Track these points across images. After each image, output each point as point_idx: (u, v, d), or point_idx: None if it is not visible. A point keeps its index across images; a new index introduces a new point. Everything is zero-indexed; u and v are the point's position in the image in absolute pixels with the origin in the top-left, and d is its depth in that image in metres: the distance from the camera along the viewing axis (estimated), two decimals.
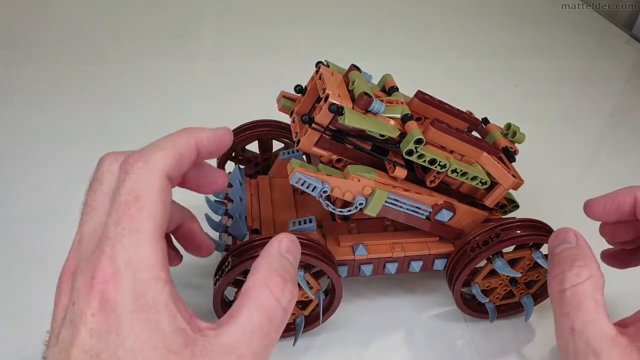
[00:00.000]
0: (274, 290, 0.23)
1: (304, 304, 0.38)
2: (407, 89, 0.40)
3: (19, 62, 0.74)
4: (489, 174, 0.37)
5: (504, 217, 0.42)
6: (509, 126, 0.41)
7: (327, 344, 0.39)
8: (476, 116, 0.41)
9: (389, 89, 0.39)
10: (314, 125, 0.33)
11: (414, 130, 0.33)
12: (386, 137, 0.34)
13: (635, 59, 0.88)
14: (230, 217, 0.40)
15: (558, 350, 0.27)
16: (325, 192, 0.33)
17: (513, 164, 0.39)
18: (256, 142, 0.47)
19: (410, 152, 0.33)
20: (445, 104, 0.39)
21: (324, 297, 0.37)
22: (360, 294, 0.43)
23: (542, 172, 0.56)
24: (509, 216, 0.43)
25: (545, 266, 0.37)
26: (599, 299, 0.26)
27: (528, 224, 0.37)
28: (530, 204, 0.45)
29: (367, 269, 0.38)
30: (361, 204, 0.34)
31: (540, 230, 0.37)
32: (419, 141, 0.33)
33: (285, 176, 0.44)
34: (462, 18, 0.99)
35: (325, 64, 0.37)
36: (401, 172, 0.35)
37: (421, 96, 0.38)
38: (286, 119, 0.40)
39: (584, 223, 0.34)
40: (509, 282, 0.39)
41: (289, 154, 0.43)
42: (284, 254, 0.25)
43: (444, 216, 0.37)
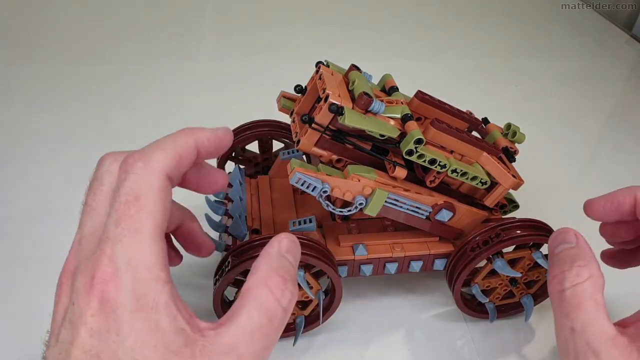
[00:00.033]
0: (274, 290, 0.23)
1: (304, 304, 0.38)
2: (407, 89, 0.40)
3: (19, 62, 0.74)
4: (489, 174, 0.37)
5: (504, 217, 0.42)
6: (509, 126, 0.41)
7: (327, 344, 0.39)
8: (476, 116, 0.41)
9: (389, 89, 0.39)
10: (314, 125, 0.33)
11: (414, 130, 0.33)
12: (386, 137, 0.34)
13: (635, 59, 0.88)
14: (230, 217, 0.40)
15: (558, 350, 0.27)
16: (325, 192, 0.33)
17: (513, 164, 0.39)
18: (256, 142, 0.47)
19: (410, 152, 0.33)
20: (445, 104, 0.39)
21: (324, 297, 0.37)
22: (360, 294, 0.43)
23: (542, 172, 0.56)
24: (509, 216, 0.43)
25: (545, 266, 0.37)
26: (598, 299, 0.26)
27: (528, 224, 0.37)
28: (530, 204, 0.45)
29: (367, 269, 0.38)
30: (361, 204, 0.34)
31: (540, 230, 0.37)
32: (419, 141, 0.33)
33: (285, 176, 0.44)
34: (462, 18, 0.99)
35: (325, 64, 0.37)
36: (401, 172, 0.35)
37: (421, 96, 0.38)
38: (286, 119, 0.40)
39: (583, 223, 0.34)
40: (509, 282, 0.39)
41: (289, 154, 0.43)
42: (284, 253, 0.25)
43: (444, 216, 0.37)
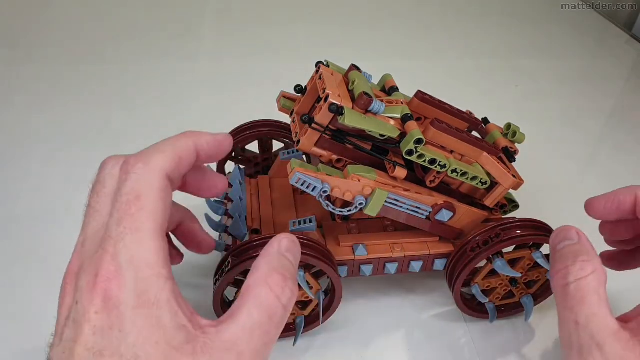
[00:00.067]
0: (274, 288, 0.24)
1: (304, 304, 0.38)
2: (407, 89, 0.40)
3: (19, 62, 0.74)
4: (489, 174, 0.37)
5: (504, 217, 0.42)
6: (509, 126, 0.41)
7: (327, 344, 0.39)
8: (476, 116, 0.41)
9: (389, 89, 0.39)
10: (314, 125, 0.33)
11: (414, 130, 0.33)
12: (386, 137, 0.34)
13: (635, 59, 0.88)
14: (230, 217, 0.40)
15: (561, 344, 0.27)
16: (325, 192, 0.33)
17: (513, 164, 0.39)
18: (256, 142, 0.47)
19: (410, 152, 0.33)
20: (445, 104, 0.39)
21: (324, 297, 0.37)
22: (360, 294, 0.43)
23: (542, 172, 0.56)
24: (509, 216, 0.43)
25: (545, 266, 0.37)
26: (602, 293, 0.26)
27: (528, 224, 0.37)
28: (530, 204, 0.45)
29: (367, 269, 0.38)
30: (361, 204, 0.34)
31: (540, 230, 0.37)
32: (419, 141, 0.33)
33: (285, 176, 0.44)
34: (462, 18, 0.99)
35: (325, 64, 0.37)
36: (401, 172, 0.35)
37: (421, 96, 0.38)
38: (286, 119, 0.40)
39: (583, 223, 0.34)
40: (509, 282, 0.39)
41: (289, 154, 0.43)
42: (284, 253, 0.26)
43: (444, 216, 0.37)
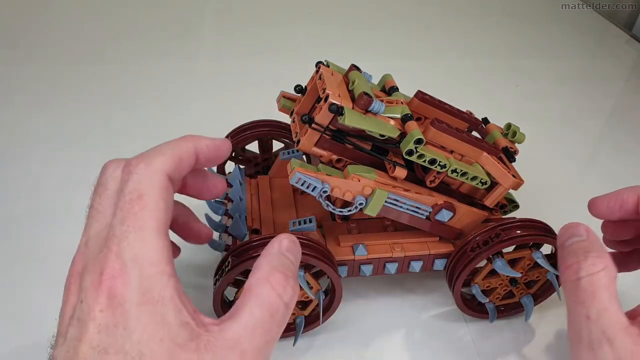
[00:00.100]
0: (276, 286, 0.24)
1: (304, 304, 0.38)
2: (407, 89, 0.40)
3: (19, 62, 0.74)
4: (489, 174, 0.37)
5: (504, 217, 0.42)
6: (509, 126, 0.41)
7: (327, 344, 0.39)
8: (476, 116, 0.41)
9: (389, 89, 0.39)
10: (314, 125, 0.33)
11: (414, 130, 0.33)
12: (386, 137, 0.34)
13: (635, 59, 0.88)
14: (230, 217, 0.40)
15: (569, 338, 0.27)
16: (325, 192, 0.33)
17: (513, 164, 0.39)
18: (256, 142, 0.47)
19: (410, 152, 0.33)
20: (445, 104, 0.39)
21: (324, 297, 0.37)
22: (360, 294, 0.43)
23: (542, 172, 0.56)
24: (509, 216, 0.43)
25: (545, 266, 0.37)
26: (612, 289, 0.26)
27: (528, 224, 0.37)
28: (530, 204, 0.45)
29: (367, 269, 0.38)
30: (361, 204, 0.34)
31: (540, 230, 0.37)
32: (419, 141, 0.33)
33: (285, 176, 0.44)
34: (462, 18, 0.99)
35: (325, 64, 0.37)
36: (401, 172, 0.35)
37: (421, 96, 0.38)
38: (286, 119, 0.40)
39: (584, 222, 0.34)
40: (509, 282, 0.39)
41: (289, 154, 0.43)
42: (285, 252, 0.26)
43: (444, 216, 0.37)
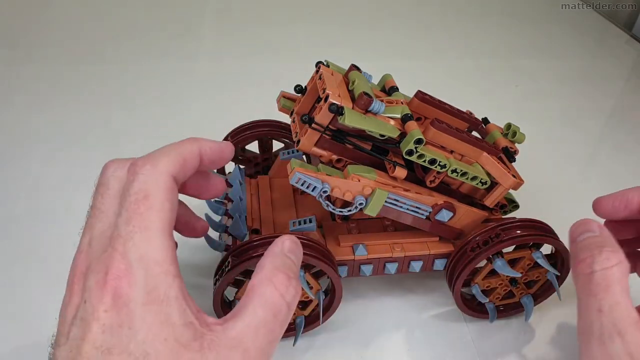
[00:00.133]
0: (279, 286, 0.24)
1: (304, 304, 0.38)
2: (407, 89, 0.40)
3: (19, 62, 0.74)
4: (489, 174, 0.37)
5: (504, 217, 0.42)
6: (509, 126, 0.41)
7: (327, 344, 0.39)
8: (476, 116, 0.41)
9: (389, 89, 0.39)
10: (314, 125, 0.33)
11: (414, 130, 0.33)
12: (386, 137, 0.34)
13: (635, 59, 0.88)
14: (230, 217, 0.40)
15: (578, 331, 0.27)
16: (325, 192, 0.33)
17: (513, 164, 0.39)
18: (256, 142, 0.47)
19: (410, 152, 0.33)
20: (445, 104, 0.39)
21: (324, 297, 0.37)
22: (360, 294, 0.43)
23: (542, 172, 0.56)
24: (509, 216, 0.43)
25: (545, 266, 0.37)
26: (625, 284, 0.27)
27: (528, 224, 0.37)
28: (530, 204, 0.45)
29: (367, 269, 0.38)
30: (361, 204, 0.34)
31: (540, 230, 0.37)
32: (419, 141, 0.33)
33: (285, 176, 0.44)
34: (462, 18, 0.99)
35: (325, 64, 0.37)
36: (401, 172, 0.35)
37: (421, 96, 0.38)
38: (286, 119, 0.40)
39: None
40: (509, 282, 0.39)
41: (289, 154, 0.43)
42: (287, 253, 0.26)
43: (444, 216, 0.37)
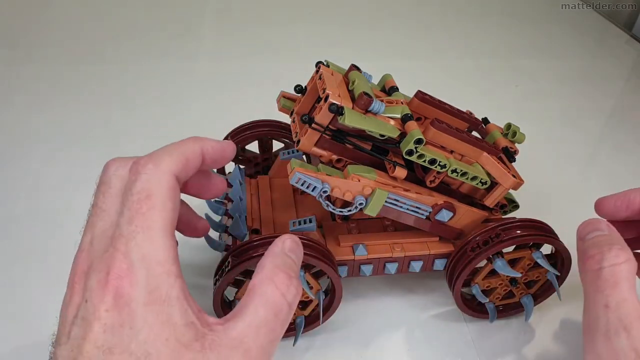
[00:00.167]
0: (280, 286, 0.24)
1: (304, 304, 0.38)
2: (407, 89, 0.40)
3: (19, 62, 0.74)
4: (489, 174, 0.37)
5: (504, 217, 0.42)
6: (509, 126, 0.41)
7: (327, 344, 0.39)
8: (476, 116, 0.41)
9: (389, 89, 0.39)
10: (314, 125, 0.33)
11: (414, 130, 0.33)
12: (386, 137, 0.34)
13: (635, 59, 0.88)
14: (230, 217, 0.40)
15: (584, 327, 0.28)
16: (325, 192, 0.33)
17: (513, 164, 0.39)
18: (256, 142, 0.47)
19: (410, 152, 0.33)
20: (445, 104, 0.39)
21: (324, 297, 0.37)
22: (360, 294, 0.43)
23: (542, 172, 0.56)
24: (509, 216, 0.43)
25: (545, 266, 0.37)
26: (632, 282, 0.27)
27: (528, 224, 0.37)
28: (530, 204, 0.45)
29: (367, 269, 0.38)
30: (361, 204, 0.34)
31: (540, 230, 0.37)
32: (419, 141, 0.33)
33: (285, 176, 0.44)
34: (462, 18, 0.99)
35: (325, 64, 0.37)
36: (401, 172, 0.35)
37: (421, 96, 0.38)
38: (286, 119, 0.40)
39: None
40: (509, 282, 0.39)
41: (289, 154, 0.43)
42: (288, 252, 0.26)
43: (444, 216, 0.37)
